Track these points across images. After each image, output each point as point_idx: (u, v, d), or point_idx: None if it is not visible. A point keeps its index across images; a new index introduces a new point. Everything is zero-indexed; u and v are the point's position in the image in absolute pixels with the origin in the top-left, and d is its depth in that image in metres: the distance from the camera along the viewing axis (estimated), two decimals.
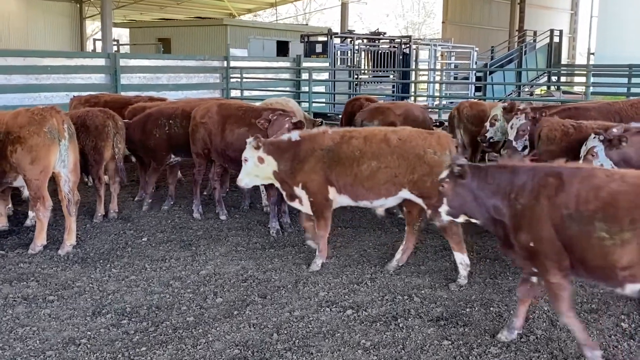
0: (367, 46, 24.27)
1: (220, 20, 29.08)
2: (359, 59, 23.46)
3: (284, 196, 6.63)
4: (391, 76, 24.26)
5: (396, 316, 5.27)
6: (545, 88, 27.84)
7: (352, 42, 23.06)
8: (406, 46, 24.01)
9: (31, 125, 6.70)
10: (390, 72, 24.04)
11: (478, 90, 23.38)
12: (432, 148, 6.01)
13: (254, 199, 9.04)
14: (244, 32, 27.51)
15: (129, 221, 8.26)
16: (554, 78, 27.88)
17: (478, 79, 24.21)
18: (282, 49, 27.32)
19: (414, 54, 23.93)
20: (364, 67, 24.14)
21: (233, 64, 17.53)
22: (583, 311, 5.44)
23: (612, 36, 29.49)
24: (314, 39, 23.36)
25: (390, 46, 24.64)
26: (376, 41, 24.73)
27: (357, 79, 21.81)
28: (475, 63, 26.89)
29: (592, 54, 35.39)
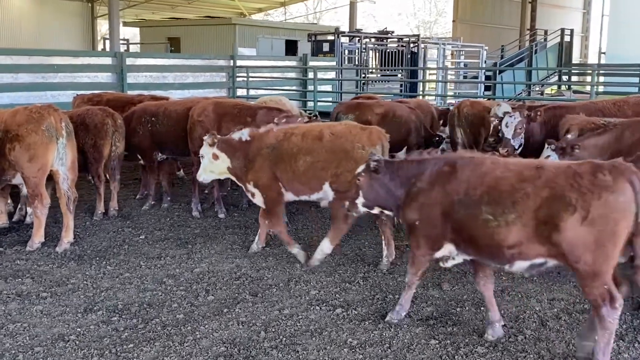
0: (374, 45, 24.21)
1: (229, 20, 29.20)
2: (366, 58, 23.39)
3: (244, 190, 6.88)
4: (399, 75, 24.18)
5: (385, 315, 5.24)
6: (555, 87, 27.63)
7: (360, 41, 23.01)
8: (414, 45, 23.93)
9: (29, 123, 6.78)
10: (398, 71, 23.96)
11: (487, 89, 23.25)
12: (361, 143, 6.20)
13: None
14: (252, 31, 27.58)
15: (129, 219, 8.31)
16: (564, 78, 27.66)
17: (488, 78, 24.05)
18: (291, 48, 27.31)
19: (422, 53, 23.82)
20: (371, 66, 24.07)
21: (239, 62, 17.56)
22: (575, 311, 5.41)
23: (623, 35, 29.20)
24: (321, 38, 23.34)
25: (398, 45, 24.56)
26: (384, 40, 24.67)
27: (364, 78, 21.77)
28: (485, 62, 26.73)
29: (604, 53, 35.07)
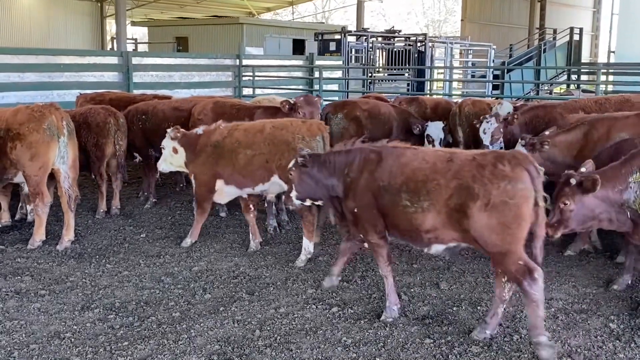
0: (381, 44, 24.15)
1: (236, 19, 29.28)
2: (373, 57, 23.34)
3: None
4: (406, 74, 24.11)
5: (381, 314, 5.23)
6: (564, 87, 27.45)
7: (367, 40, 22.96)
8: (421, 44, 23.84)
9: (30, 122, 6.82)
10: (405, 70, 23.89)
11: (495, 88, 23.13)
12: (301, 134, 6.48)
13: None
14: (260, 31, 27.63)
15: (130, 217, 8.35)
16: (574, 77, 27.46)
17: (496, 77, 23.92)
18: (299, 47, 27.29)
19: (429, 52, 23.74)
20: (378, 65, 24.01)
21: (245, 62, 17.55)
22: (572, 311, 5.38)
23: (633, 34, 28.88)
24: (328, 37, 23.30)
25: (405, 44, 24.48)
26: (391, 39, 24.60)
27: (371, 77, 21.73)
28: (493, 61, 26.61)
29: (613, 52, 34.78)
